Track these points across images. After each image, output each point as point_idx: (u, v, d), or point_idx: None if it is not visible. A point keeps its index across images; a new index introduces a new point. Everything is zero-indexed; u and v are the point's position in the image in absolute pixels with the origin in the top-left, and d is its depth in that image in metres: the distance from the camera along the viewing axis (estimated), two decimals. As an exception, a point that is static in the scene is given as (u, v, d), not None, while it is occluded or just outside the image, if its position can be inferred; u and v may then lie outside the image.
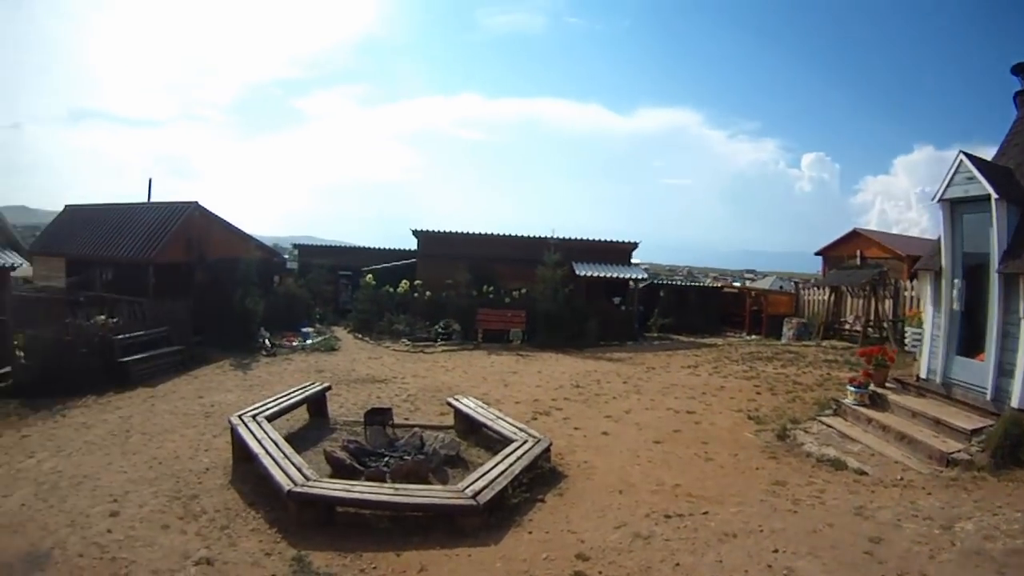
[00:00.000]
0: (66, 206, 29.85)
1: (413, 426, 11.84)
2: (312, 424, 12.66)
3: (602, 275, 25.44)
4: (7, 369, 15.80)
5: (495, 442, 10.67)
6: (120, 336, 17.20)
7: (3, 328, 16.33)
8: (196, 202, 24.83)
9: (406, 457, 9.87)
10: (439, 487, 8.94)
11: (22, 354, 16.50)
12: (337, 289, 30.03)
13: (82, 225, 26.99)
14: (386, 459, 9.86)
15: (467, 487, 8.15)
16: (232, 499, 9.14)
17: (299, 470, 8.66)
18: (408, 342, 22.79)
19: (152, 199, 30.12)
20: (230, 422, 10.68)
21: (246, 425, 10.39)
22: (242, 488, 9.45)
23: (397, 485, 8.52)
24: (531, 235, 26.89)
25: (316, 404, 13.09)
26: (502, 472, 8.66)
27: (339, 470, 9.56)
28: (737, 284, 40.01)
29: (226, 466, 10.36)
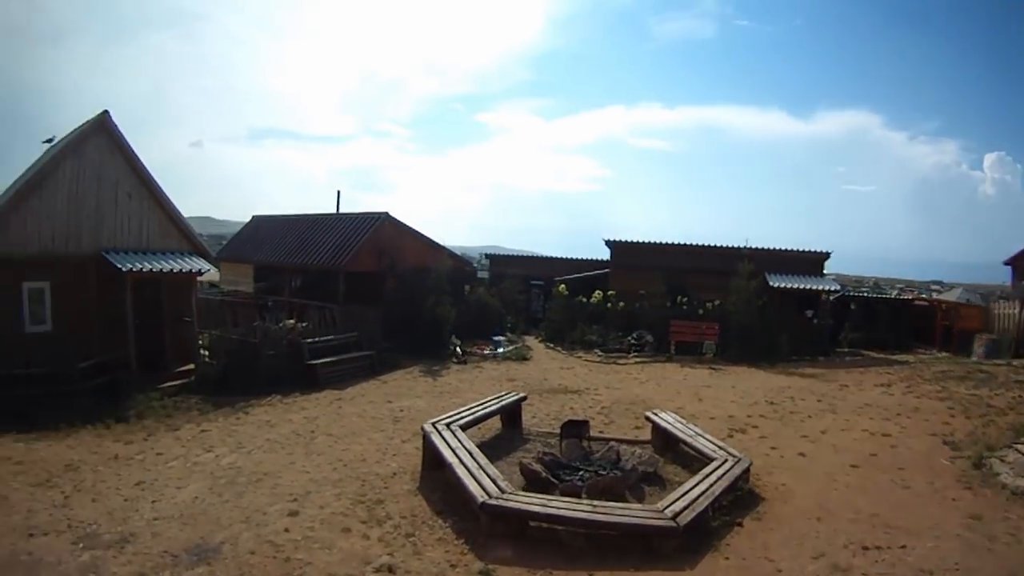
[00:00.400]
0: (253, 216, 31.76)
1: (608, 440, 11.69)
2: (505, 434, 12.34)
3: (795, 286, 24.77)
4: (191, 366, 16.58)
5: (692, 459, 10.62)
6: (309, 340, 17.70)
7: (189, 328, 17.22)
8: (386, 212, 25.43)
9: (602, 472, 9.73)
10: (637, 506, 8.48)
11: (206, 353, 17.34)
12: (529, 299, 30.59)
13: (270, 234, 28.54)
14: (581, 473, 9.73)
15: (666, 507, 7.90)
16: (419, 506, 8.86)
17: (494, 481, 8.32)
18: (600, 353, 22.85)
19: (340, 211, 31.09)
20: (423, 429, 10.46)
21: (440, 433, 10.14)
22: (430, 496, 9.16)
23: (595, 502, 8.12)
24: (723, 245, 26.81)
25: (510, 414, 12.75)
26: (703, 493, 8.40)
27: (533, 483, 9.21)
28: (924, 296, 37.16)
29: (414, 472, 10.12)
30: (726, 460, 9.51)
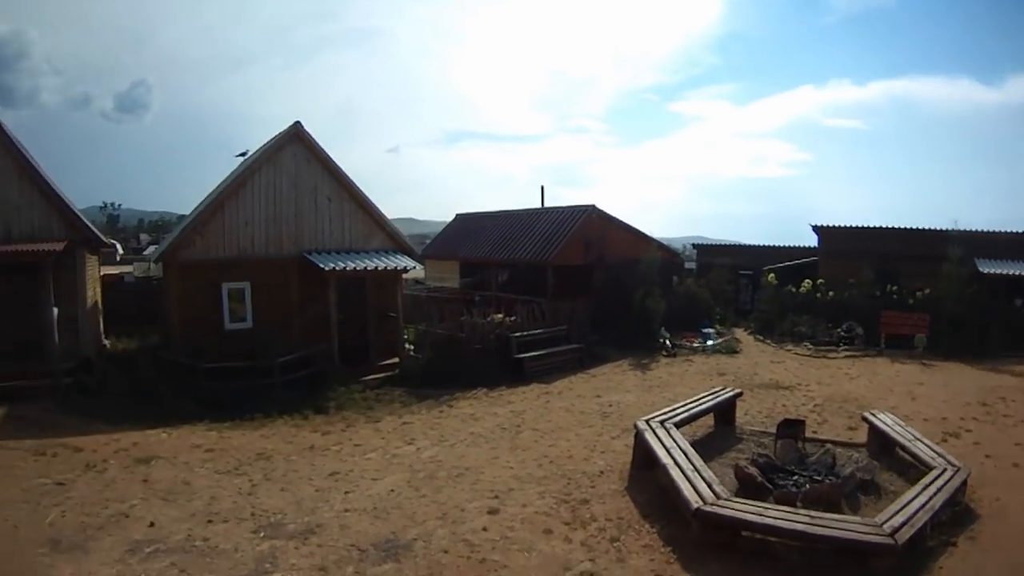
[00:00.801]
0: (457, 214, 32.62)
1: (823, 441, 11.05)
2: (717, 432, 11.71)
3: (1009, 272, 22.31)
4: (395, 360, 17.11)
5: (907, 466, 9.85)
6: (517, 333, 17.75)
7: (394, 323, 17.80)
8: (593, 205, 25.18)
9: (816, 478, 9.17)
10: (855, 518, 7.70)
11: (411, 347, 17.91)
12: (737, 289, 29.61)
13: (474, 231, 29.17)
14: (795, 478, 9.20)
15: (885, 521, 7.20)
16: (626, 508, 8.37)
17: (709, 486, 7.78)
18: (810, 346, 21.94)
19: (544, 205, 31.22)
20: (636, 427, 10.01)
21: (654, 431, 9.66)
22: (637, 497, 8.66)
23: (812, 512, 7.53)
24: (931, 228, 24.48)
25: (724, 411, 12.09)
26: (922, 506, 7.64)
27: (747, 487, 8.70)
28: None
29: (622, 471, 9.66)
30: (945, 469, 8.73)
